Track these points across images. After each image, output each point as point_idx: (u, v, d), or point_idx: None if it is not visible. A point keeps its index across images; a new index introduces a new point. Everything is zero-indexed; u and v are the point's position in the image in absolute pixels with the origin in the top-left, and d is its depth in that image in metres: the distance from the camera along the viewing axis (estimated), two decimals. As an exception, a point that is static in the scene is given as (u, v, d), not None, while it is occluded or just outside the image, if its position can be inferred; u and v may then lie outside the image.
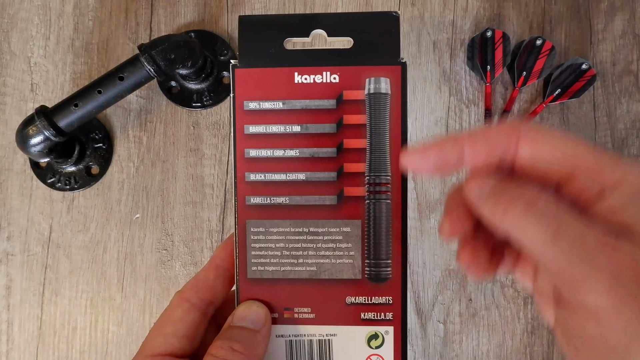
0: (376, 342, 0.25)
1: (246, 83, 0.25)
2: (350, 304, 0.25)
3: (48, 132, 0.47)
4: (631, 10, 0.59)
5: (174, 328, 0.24)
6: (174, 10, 0.58)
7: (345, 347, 0.25)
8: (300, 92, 0.24)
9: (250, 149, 0.25)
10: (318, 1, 0.59)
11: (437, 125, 0.58)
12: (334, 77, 0.24)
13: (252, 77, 0.25)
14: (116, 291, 0.56)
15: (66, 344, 0.55)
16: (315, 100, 0.25)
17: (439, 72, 0.59)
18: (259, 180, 0.25)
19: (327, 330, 0.25)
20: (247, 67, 0.25)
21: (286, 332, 0.25)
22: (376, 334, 0.25)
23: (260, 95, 0.25)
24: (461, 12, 0.59)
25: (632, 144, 0.58)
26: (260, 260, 0.25)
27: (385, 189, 0.25)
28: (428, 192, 0.57)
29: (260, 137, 0.25)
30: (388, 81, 0.25)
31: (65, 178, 0.56)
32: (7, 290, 0.55)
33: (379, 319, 0.25)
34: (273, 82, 0.25)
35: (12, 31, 0.58)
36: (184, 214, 0.56)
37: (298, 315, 0.25)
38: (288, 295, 0.25)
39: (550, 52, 0.56)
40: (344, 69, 0.24)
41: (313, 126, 0.25)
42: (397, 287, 0.25)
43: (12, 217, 0.56)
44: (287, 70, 0.25)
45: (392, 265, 0.25)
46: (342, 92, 0.25)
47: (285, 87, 0.25)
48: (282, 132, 0.25)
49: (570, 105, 0.58)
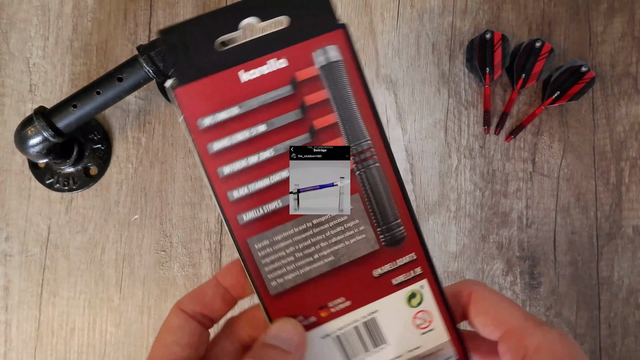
0: (416, 300, 0.25)
1: (192, 100, 0.23)
2: (378, 276, 0.25)
3: (47, 133, 0.47)
4: (630, 12, 0.59)
5: (174, 337, 0.24)
6: (173, 11, 0.58)
7: (390, 318, 0.25)
8: (251, 90, 0.23)
9: (223, 166, 0.23)
10: (317, 2, 0.59)
11: (436, 127, 0.58)
12: (281, 62, 0.23)
13: (196, 92, 0.23)
14: (114, 292, 0.56)
15: (64, 345, 0.55)
16: (270, 93, 0.23)
17: (438, 74, 0.58)
18: (243, 194, 0.24)
19: (367, 310, 0.25)
20: (186, 84, 0.23)
21: (330, 330, 0.25)
22: (413, 293, 0.25)
23: (211, 107, 0.23)
24: (460, 14, 0.59)
25: (631, 146, 0.58)
26: (277, 273, 0.25)
27: (370, 154, 0.24)
28: (427, 194, 0.57)
29: (227, 150, 0.23)
30: (336, 47, 0.23)
31: (64, 179, 0.56)
32: (5, 291, 0.55)
33: (410, 278, 0.25)
34: (220, 89, 0.23)
35: (11, 32, 0.58)
36: (182, 215, 0.56)
37: (334, 308, 0.25)
38: (317, 294, 0.25)
39: (550, 54, 0.56)
40: (287, 50, 0.23)
41: (278, 119, 0.23)
42: (415, 242, 0.25)
43: (10, 218, 0.56)
44: (230, 71, 0.23)
45: (404, 223, 0.25)
46: (295, 74, 0.23)
47: (234, 89, 0.23)
48: (248, 136, 0.23)
49: (569, 108, 0.58)
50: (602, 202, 0.58)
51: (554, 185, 0.58)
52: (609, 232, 0.58)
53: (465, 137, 0.58)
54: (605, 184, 0.58)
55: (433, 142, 0.58)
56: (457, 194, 0.58)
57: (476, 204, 0.57)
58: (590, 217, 0.58)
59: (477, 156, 0.58)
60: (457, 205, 0.57)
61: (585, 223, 0.58)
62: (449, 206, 0.57)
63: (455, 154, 0.58)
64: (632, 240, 0.57)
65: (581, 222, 0.58)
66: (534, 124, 0.58)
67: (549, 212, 0.58)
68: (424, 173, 0.58)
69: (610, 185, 0.58)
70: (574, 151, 0.58)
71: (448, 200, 0.58)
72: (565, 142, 0.58)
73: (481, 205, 0.58)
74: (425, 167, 0.58)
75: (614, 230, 0.58)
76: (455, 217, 0.57)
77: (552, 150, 0.58)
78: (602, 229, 0.58)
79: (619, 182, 0.58)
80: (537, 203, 0.58)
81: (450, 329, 0.25)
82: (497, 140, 0.58)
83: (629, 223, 0.58)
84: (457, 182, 0.58)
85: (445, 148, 0.58)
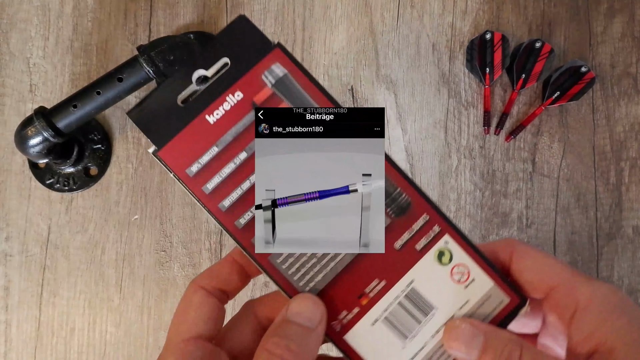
0: (446, 257, 0.25)
1: (175, 157, 0.25)
2: (400, 247, 0.25)
3: (47, 133, 0.47)
4: (630, 12, 0.59)
5: (196, 313, 0.25)
6: (173, 11, 0.58)
7: (428, 283, 0.25)
8: (222, 127, 0.25)
9: (222, 201, 0.25)
10: (317, 2, 0.59)
11: (436, 128, 0.58)
12: (238, 95, 0.25)
13: (176, 148, 0.25)
14: (114, 292, 0.56)
15: (64, 345, 0.55)
16: (239, 123, 0.25)
17: (438, 74, 0.59)
18: (249, 218, 0.25)
19: (403, 283, 0.25)
20: (165, 144, 0.25)
21: (376, 314, 0.25)
22: (440, 251, 0.25)
23: (193, 156, 0.25)
24: (460, 15, 0.59)
25: (631, 146, 0.58)
26: (306, 279, 0.25)
27: None
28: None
29: (221, 186, 0.25)
30: (278, 64, 0.25)
31: (64, 179, 0.56)
32: (5, 291, 0.55)
33: (431, 239, 0.25)
34: (195, 138, 0.25)
35: (11, 32, 0.58)
36: (182, 215, 0.56)
37: (372, 292, 0.25)
38: (351, 284, 0.25)
39: (550, 54, 0.56)
40: (238, 83, 0.25)
41: (253, 143, 0.26)
42: (423, 204, 0.26)
43: (10, 218, 0.56)
44: (197, 119, 0.25)
45: (405, 190, 0.26)
46: (253, 100, 0.25)
47: (207, 133, 0.25)
48: (234, 167, 0.25)
49: (569, 108, 0.58)
50: (602, 202, 0.58)
51: (554, 186, 0.58)
52: (609, 232, 0.58)
53: (465, 138, 0.58)
54: (605, 184, 0.58)
55: (433, 143, 0.58)
56: (457, 194, 0.58)
57: (476, 204, 0.58)
58: (590, 217, 0.58)
59: (477, 156, 0.58)
60: (457, 205, 0.58)
61: (585, 223, 0.58)
62: (449, 206, 0.57)
63: (455, 154, 0.58)
64: (632, 240, 0.57)
65: (581, 222, 0.58)
66: (534, 124, 0.58)
67: (549, 212, 0.58)
68: (424, 173, 0.58)
69: (610, 185, 0.58)
70: (574, 151, 0.58)
71: (448, 201, 0.58)
72: (565, 142, 0.58)
73: (481, 206, 0.58)
74: (425, 168, 0.58)
75: (614, 230, 0.58)
76: (456, 218, 0.57)
77: (552, 150, 0.58)
78: (602, 229, 0.58)
79: (619, 182, 0.58)
80: (537, 203, 0.58)
81: (491, 273, 0.25)
82: (497, 141, 0.58)
83: (629, 223, 0.58)
84: (457, 182, 0.58)
85: (445, 148, 0.58)
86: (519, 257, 0.24)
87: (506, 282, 0.25)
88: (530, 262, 0.24)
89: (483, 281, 0.25)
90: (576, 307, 0.22)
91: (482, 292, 0.25)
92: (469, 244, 0.25)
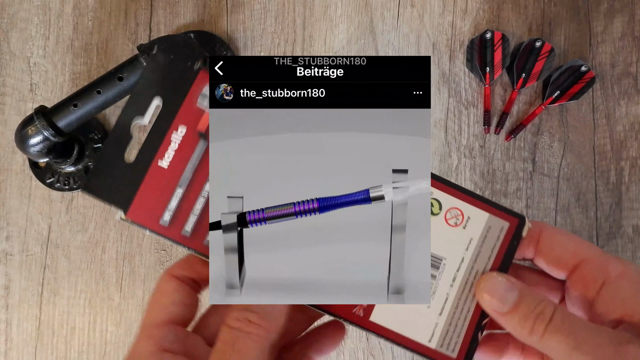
0: (435, 207, 0.25)
1: (144, 213, 0.24)
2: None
3: (47, 132, 0.47)
4: (630, 12, 0.59)
5: (169, 299, 0.25)
6: (173, 10, 0.58)
7: (436, 237, 0.25)
8: (178, 166, 0.24)
9: (205, 238, 0.25)
10: (318, 1, 0.59)
11: (436, 127, 0.58)
12: (182, 130, 0.24)
13: (141, 205, 0.24)
14: (115, 291, 0.56)
15: (65, 344, 0.55)
16: (193, 156, 0.24)
17: (438, 74, 0.59)
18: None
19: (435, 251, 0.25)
20: (129, 205, 0.24)
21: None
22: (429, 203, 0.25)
23: (161, 205, 0.24)
24: (460, 14, 0.59)
25: (631, 146, 0.58)
26: None
27: None
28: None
29: (199, 224, 0.24)
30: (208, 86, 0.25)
31: (64, 178, 0.56)
32: (5, 290, 0.55)
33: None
34: (155, 187, 0.24)
35: (12, 31, 0.58)
36: (182, 215, 0.56)
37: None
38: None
39: (550, 54, 0.56)
40: (177, 118, 0.24)
41: None
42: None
43: (10, 217, 0.56)
44: (151, 169, 0.24)
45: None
46: (198, 129, 0.24)
47: (164, 178, 0.24)
48: (205, 200, 0.24)
49: (569, 107, 0.58)
50: (602, 201, 0.58)
51: (554, 185, 0.58)
52: (609, 232, 0.58)
53: (466, 137, 0.58)
54: (605, 183, 0.58)
55: (433, 142, 0.58)
56: (457, 193, 0.58)
57: (476, 203, 0.58)
58: (590, 217, 0.58)
59: (477, 156, 0.58)
60: (457, 204, 0.58)
61: (585, 223, 0.58)
62: (449, 206, 0.57)
63: (455, 153, 0.58)
64: (632, 240, 0.58)
65: (581, 221, 0.58)
66: (534, 124, 0.58)
67: (549, 211, 0.58)
68: (424, 172, 0.58)
69: (610, 185, 0.58)
70: (574, 151, 0.58)
71: (448, 200, 0.58)
72: (565, 141, 0.58)
73: (481, 205, 0.58)
74: (426, 167, 0.58)
75: (614, 229, 0.58)
76: (456, 217, 0.57)
77: (552, 149, 0.58)
78: (602, 228, 0.58)
79: (619, 182, 0.58)
80: (537, 202, 0.58)
81: (483, 205, 0.25)
82: (497, 140, 0.58)
83: (629, 223, 0.58)
84: (457, 181, 0.58)
85: (446, 148, 0.58)
86: (549, 234, 0.25)
87: (499, 208, 0.25)
88: (561, 237, 0.25)
89: (478, 216, 0.25)
90: (605, 279, 0.23)
91: (481, 226, 0.25)
92: (452, 186, 0.25)
